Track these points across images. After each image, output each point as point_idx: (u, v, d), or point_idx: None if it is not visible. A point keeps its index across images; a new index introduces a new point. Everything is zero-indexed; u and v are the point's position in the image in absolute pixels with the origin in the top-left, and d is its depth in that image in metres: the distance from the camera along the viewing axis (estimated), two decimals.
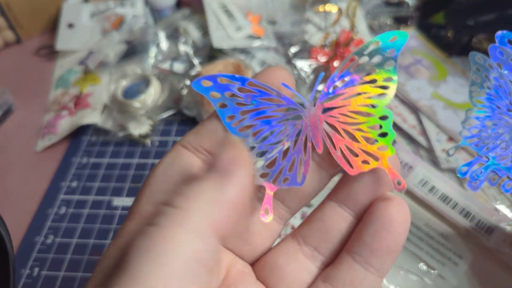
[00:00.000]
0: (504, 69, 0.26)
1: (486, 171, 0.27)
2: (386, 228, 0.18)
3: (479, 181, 0.27)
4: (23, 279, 0.38)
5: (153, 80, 0.51)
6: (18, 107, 0.55)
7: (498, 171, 0.27)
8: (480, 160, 0.27)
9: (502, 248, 0.35)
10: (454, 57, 0.52)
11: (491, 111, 0.27)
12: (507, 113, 0.27)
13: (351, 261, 0.18)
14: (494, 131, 0.27)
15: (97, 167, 0.47)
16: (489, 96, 0.27)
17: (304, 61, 0.50)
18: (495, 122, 0.27)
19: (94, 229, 0.41)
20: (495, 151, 0.27)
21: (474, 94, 0.27)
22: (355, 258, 0.18)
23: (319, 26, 0.54)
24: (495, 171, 0.27)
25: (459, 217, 0.37)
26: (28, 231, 0.42)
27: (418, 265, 0.35)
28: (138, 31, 0.56)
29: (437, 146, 0.43)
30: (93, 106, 0.51)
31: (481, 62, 0.25)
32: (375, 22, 0.57)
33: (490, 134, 0.27)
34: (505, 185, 0.28)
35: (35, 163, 0.49)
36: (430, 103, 0.47)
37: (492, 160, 0.27)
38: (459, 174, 0.27)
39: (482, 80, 0.26)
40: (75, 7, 0.62)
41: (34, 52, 0.63)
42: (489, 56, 0.25)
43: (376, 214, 0.18)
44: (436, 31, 0.55)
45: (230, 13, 0.54)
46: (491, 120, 0.27)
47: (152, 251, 0.14)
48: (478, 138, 0.27)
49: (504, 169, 0.27)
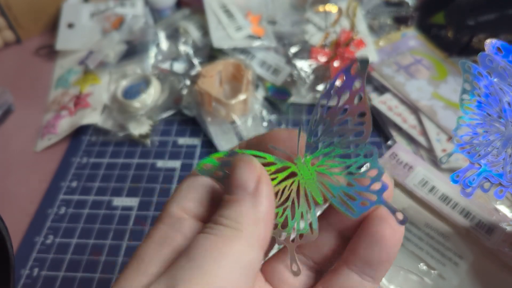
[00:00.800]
0: (494, 77, 0.26)
1: (479, 178, 0.27)
2: (378, 244, 0.19)
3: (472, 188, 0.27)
4: (23, 279, 0.38)
5: (153, 80, 0.51)
6: (18, 107, 0.55)
7: (490, 178, 0.27)
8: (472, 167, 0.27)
9: (502, 248, 0.35)
10: (454, 57, 0.52)
11: (482, 118, 0.27)
12: (497, 120, 0.27)
13: (348, 270, 0.20)
14: (485, 138, 0.27)
15: (97, 167, 0.47)
16: (480, 104, 0.27)
17: (304, 61, 0.50)
18: (486, 129, 0.27)
19: (94, 229, 0.41)
20: (487, 158, 0.27)
21: (465, 101, 0.27)
22: (351, 267, 0.19)
23: (319, 26, 0.54)
24: (487, 177, 0.27)
25: (459, 217, 0.37)
26: (27, 231, 0.42)
27: (418, 265, 0.35)
28: (138, 31, 0.56)
29: (437, 146, 0.43)
30: (93, 106, 0.51)
31: (471, 70, 0.26)
32: (375, 22, 0.57)
33: (481, 141, 0.27)
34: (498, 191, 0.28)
35: (35, 163, 0.49)
36: (430, 103, 0.47)
37: (484, 167, 0.27)
38: (452, 182, 0.27)
39: (472, 88, 0.26)
40: (75, 7, 0.62)
41: (34, 52, 0.63)
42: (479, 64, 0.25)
43: (369, 230, 0.19)
44: (436, 31, 0.55)
45: (230, 13, 0.54)
46: (482, 127, 0.27)
47: (214, 251, 0.16)
48: (470, 145, 0.27)
49: (496, 175, 0.27)
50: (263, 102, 0.49)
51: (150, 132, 0.49)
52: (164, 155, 0.47)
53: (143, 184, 0.45)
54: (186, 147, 0.48)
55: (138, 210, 0.43)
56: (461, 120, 0.27)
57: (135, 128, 0.49)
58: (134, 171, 0.46)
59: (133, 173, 0.46)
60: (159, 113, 0.50)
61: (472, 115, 0.27)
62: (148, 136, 0.48)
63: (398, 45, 0.54)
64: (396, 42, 0.54)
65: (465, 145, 0.27)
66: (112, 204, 0.43)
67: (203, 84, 0.47)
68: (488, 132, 0.27)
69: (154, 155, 0.47)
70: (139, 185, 0.45)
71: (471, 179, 0.27)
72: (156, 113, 0.50)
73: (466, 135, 0.27)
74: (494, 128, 0.27)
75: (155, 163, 0.47)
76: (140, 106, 0.49)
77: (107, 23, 0.58)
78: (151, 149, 0.48)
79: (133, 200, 0.43)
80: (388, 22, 0.57)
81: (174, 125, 0.50)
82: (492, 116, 0.27)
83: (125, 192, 0.44)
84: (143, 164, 0.47)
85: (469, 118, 0.27)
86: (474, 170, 0.27)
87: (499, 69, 0.25)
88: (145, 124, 0.49)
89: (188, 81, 0.51)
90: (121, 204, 0.43)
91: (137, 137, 0.48)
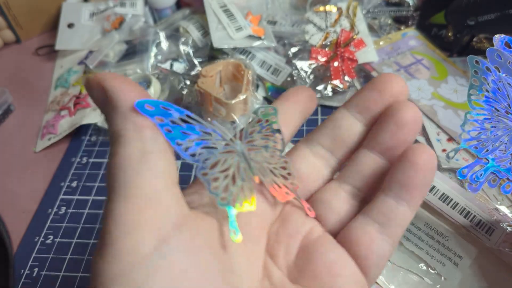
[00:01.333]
0: (502, 72, 0.26)
1: (486, 173, 0.27)
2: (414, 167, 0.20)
3: (479, 183, 0.27)
4: (23, 279, 0.38)
5: (153, 80, 0.51)
6: (18, 107, 0.55)
7: (498, 173, 0.27)
8: (480, 162, 0.27)
9: (503, 248, 0.35)
10: (454, 57, 0.52)
11: (489, 113, 0.27)
12: (505, 115, 0.27)
13: (384, 196, 0.21)
14: (493, 133, 0.27)
15: (97, 167, 0.47)
16: (488, 99, 0.27)
17: (304, 61, 0.50)
18: (494, 124, 0.27)
19: (94, 229, 0.41)
20: (494, 153, 0.27)
21: (473, 97, 0.27)
22: (388, 193, 0.21)
23: (319, 26, 0.54)
24: (494, 173, 0.27)
25: (460, 217, 0.37)
26: (27, 231, 0.42)
27: (418, 265, 0.35)
28: (138, 31, 0.56)
29: (438, 146, 0.43)
30: (93, 106, 0.51)
31: (479, 65, 0.26)
32: (375, 22, 0.57)
33: (489, 137, 0.27)
34: (505, 186, 0.28)
35: (35, 163, 0.48)
36: (430, 103, 0.47)
37: (491, 162, 0.27)
38: (459, 176, 0.27)
39: (480, 83, 0.26)
40: (75, 7, 0.62)
41: (33, 52, 0.63)
42: (487, 59, 0.25)
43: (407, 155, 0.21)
44: (436, 31, 0.55)
45: (230, 13, 0.54)
46: (490, 122, 0.27)
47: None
48: (477, 140, 0.27)
49: (504, 171, 0.27)
50: (263, 102, 0.49)
51: None
52: None
53: None
54: None
55: None
56: (469, 115, 0.27)
57: None
58: None
59: None
60: None
61: (479, 110, 0.27)
62: None
63: (398, 45, 0.54)
64: (396, 42, 0.54)
65: (472, 140, 0.27)
66: None
67: (203, 84, 0.47)
68: (496, 128, 0.27)
69: None
70: None
71: (478, 174, 0.27)
72: None
73: (473, 130, 0.27)
74: (502, 123, 0.27)
75: None
76: None
77: (107, 23, 0.58)
78: None
79: None
80: (388, 22, 0.57)
81: None
82: (500, 112, 0.27)
83: None
84: None
85: (477, 114, 0.27)
86: (481, 165, 0.27)
87: (507, 64, 0.25)
88: None
89: (188, 81, 0.51)
90: None
91: None
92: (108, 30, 0.58)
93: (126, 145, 0.18)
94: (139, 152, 0.17)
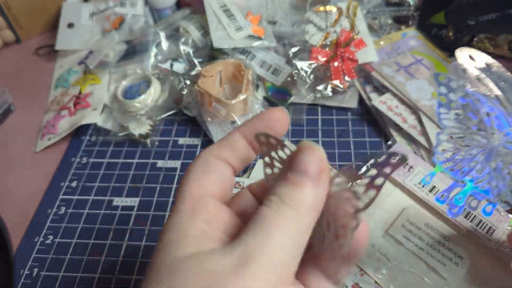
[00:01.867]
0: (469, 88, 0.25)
1: (465, 196, 0.26)
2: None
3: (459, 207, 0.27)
4: (23, 279, 0.38)
5: (153, 80, 0.51)
6: (18, 107, 0.55)
7: (476, 195, 0.26)
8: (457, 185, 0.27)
9: (503, 248, 0.35)
10: (454, 57, 0.52)
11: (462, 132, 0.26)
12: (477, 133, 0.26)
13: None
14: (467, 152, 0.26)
15: (97, 167, 0.47)
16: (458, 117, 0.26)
17: (304, 61, 0.50)
18: (467, 143, 0.26)
19: (94, 229, 0.41)
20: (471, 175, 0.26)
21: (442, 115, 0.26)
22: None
23: (319, 26, 0.54)
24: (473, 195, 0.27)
25: (460, 218, 0.37)
26: (27, 231, 0.42)
27: (418, 265, 0.35)
28: (138, 31, 0.56)
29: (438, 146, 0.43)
30: (93, 106, 0.51)
31: (445, 81, 0.25)
32: (375, 22, 0.57)
33: (464, 157, 0.26)
34: (486, 208, 0.27)
35: (35, 163, 0.48)
36: (430, 103, 0.47)
37: (469, 184, 0.26)
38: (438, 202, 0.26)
39: (448, 100, 0.26)
40: (75, 7, 0.62)
41: (33, 52, 0.63)
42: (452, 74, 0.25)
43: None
44: (436, 31, 0.55)
45: (230, 13, 0.54)
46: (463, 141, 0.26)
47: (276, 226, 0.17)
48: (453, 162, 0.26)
49: (482, 192, 0.26)
50: (263, 102, 0.49)
51: (150, 132, 0.49)
52: (164, 155, 0.47)
53: (143, 184, 0.45)
54: (186, 147, 0.48)
55: (138, 210, 0.42)
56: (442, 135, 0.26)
57: (135, 128, 0.49)
58: (134, 171, 0.46)
59: (133, 173, 0.46)
60: (159, 113, 0.50)
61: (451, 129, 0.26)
62: (148, 136, 0.48)
63: (398, 45, 0.54)
64: (397, 42, 0.54)
65: (448, 162, 0.26)
66: (112, 204, 0.43)
67: (203, 84, 0.47)
68: (470, 146, 0.26)
69: (154, 155, 0.47)
70: (139, 185, 0.45)
71: (457, 198, 0.26)
72: (156, 113, 0.50)
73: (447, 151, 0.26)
74: (475, 142, 0.26)
75: (155, 163, 0.47)
76: (140, 106, 0.49)
77: (107, 23, 0.58)
78: (151, 149, 0.48)
79: (133, 200, 0.43)
80: (388, 22, 0.57)
81: (174, 125, 0.50)
82: (472, 130, 0.26)
83: (125, 192, 0.44)
84: (143, 164, 0.47)
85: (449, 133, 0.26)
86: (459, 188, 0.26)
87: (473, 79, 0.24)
88: (145, 124, 0.49)
89: (188, 81, 0.51)
90: (121, 204, 0.43)
91: (137, 137, 0.48)
92: (108, 30, 0.58)
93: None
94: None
